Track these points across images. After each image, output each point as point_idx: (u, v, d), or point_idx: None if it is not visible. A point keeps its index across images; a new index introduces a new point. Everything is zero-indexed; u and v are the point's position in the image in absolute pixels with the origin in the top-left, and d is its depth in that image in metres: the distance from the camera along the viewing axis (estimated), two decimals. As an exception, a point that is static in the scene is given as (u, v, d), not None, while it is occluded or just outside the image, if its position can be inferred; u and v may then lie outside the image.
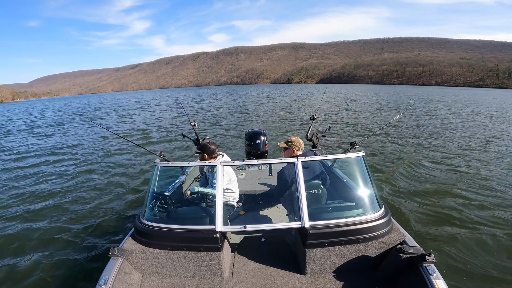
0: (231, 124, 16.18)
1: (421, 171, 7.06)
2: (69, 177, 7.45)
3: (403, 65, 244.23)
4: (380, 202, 2.55)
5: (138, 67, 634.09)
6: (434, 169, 7.21)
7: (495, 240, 3.95)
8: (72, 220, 5.00)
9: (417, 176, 6.70)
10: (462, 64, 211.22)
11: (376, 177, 6.54)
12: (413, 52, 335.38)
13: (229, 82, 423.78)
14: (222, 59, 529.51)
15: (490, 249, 3.79)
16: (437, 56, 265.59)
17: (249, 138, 4.44)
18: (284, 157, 3.14)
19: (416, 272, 2.10)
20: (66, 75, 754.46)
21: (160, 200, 2.76)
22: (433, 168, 7.30)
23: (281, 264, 2.52)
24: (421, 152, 8.93)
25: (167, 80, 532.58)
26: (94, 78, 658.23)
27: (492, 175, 6.63)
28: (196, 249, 2.37)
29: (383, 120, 16.16)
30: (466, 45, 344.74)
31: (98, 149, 10.99)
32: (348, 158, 2.74)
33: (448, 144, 10.16)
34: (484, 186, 5.95)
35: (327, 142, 10.40)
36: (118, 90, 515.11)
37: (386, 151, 9.21)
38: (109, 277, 2.15)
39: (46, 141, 13.41)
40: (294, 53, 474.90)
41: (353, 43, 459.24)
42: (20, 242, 4.35)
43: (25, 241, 4.36)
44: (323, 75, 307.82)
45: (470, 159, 8.08)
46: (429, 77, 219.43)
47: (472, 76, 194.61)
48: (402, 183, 6.24)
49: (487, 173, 6.79)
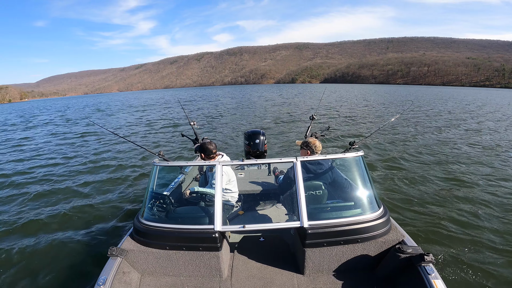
0: (232, 124, 16.15)
1: (421, 171, 7.04)
2: (67, 176, 7.48)
3: (408, 64, 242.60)
4: (379, 202, 2.56)
5: (143, 67, 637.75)
6: (434, 169, 7.18)
7: (495, 241, 3.95)
8: (71, 219, 4.99)
9: (417, 176, 6.68)
10: (467, 63, 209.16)
11: (375, 177, 6.53)
12: (419, 52, 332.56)
13: (233, 82, 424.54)
14: (226, 59, 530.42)
15: (489, 249, 3.79)
16: (442, 56, 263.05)
17: (248, 138, 4.45)
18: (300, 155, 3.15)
19: (415, 272, 2.10)
20: (72, 75, 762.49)
21: (159, 200, 2.80)
22: (433, 168, 7.27)
23: (280, 263, 2.55)
24: (421, 152, 8.90)
25: (172, 80, 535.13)
26: (100, 78, 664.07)
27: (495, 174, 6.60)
28: (195, 249, 2.38)
29: (383, 120, 16.10)
30: (472, 45, 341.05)
31: (97, 148, 11.04)
32: (347, 158, 2.75)
33: (449, 143, 10.09)
34: (486, 186, 5.92)
35: (326, 142, 10.38)
36: (124, 90, 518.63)
37: (385, 150, 9.19)
38: (108, 276, 2.15)
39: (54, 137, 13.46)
40: (298, 53, 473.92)
41: (357, 43, 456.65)
42: (19, 242, 4.35)
43: (24, 241, 4.36)
44: (327, 75, 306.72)
45: (472, 159, 8.03)
46: (434, 77, 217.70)
47: (478, 76, 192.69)
48: (401, 183, 6.23)
49: (490, 171, 6.79)
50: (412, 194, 5.59)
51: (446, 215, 4.70)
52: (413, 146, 9.88)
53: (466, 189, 5.81)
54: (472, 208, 4.92)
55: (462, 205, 5.08)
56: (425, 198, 5.40)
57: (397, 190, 5.82)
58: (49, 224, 4.86)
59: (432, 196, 5.48)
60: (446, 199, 5.34)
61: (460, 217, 4.65)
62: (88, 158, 9.51)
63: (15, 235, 4.57)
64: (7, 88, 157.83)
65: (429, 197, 5.46)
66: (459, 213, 4.79)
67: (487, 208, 4.92)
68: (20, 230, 4.69)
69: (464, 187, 5.89)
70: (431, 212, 4.85)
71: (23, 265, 3.78)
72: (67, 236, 4.45)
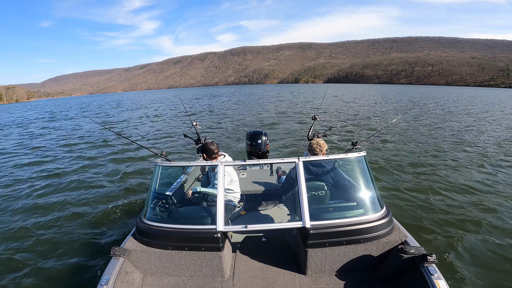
0: (233, 123, 16.20)
1: (424, 170, 7.01)
2: (69, 175, 7.51)
3: (412, 64, 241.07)
4: (381, 202, 2.55)
5: (147, 67, 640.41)
6: (437, 168, 7.15)
7: (500, 242, 3.93)
8: (73, 219, 5.02)
9: (420, 176, 6.65)
10: (472, 63, 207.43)
11: (377, 177, 6.51)
12: (423, 52, 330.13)
13: (237, 82, 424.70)
14: (229, 59, 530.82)
15: (494, 250, 3.77)
16: (447, 55, 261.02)
17: (250, 138, 4.45)
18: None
19: (418, 272, 2.10)
20: (77, 75, 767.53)
21: (162, 200, 2.81)
22: (436, 168, 7.23)
23: (282, 264, 2.54)
24: (423, 152, 8.86)
25: (176, 80, 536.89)
26: (105, 78, 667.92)
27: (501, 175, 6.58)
28: (197, 249, 2.39)
29: (386, 120, 16.04)
30: (477, 45, 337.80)
31: (99, 148, 11.09)
32: (350, 158, 2.75)
33: (452, 143, 10.10)
34: (488, 187, 5.91)
35: (328, 142, 10.21)
36: (128, 90, 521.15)
37: (387, 151, 9.16)
38: (111, 276, 2.16)
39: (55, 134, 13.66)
40: (302, 53, 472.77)
41: (361, 43, 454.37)
42: (20, 241, 4.37)
43: (26, 240, 4.38)
44: (331, 74, 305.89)
45: (474, 158, 8.02)
46: (439, 77, 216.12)
47: (482, 76, 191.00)
48: (404, 183, 6.19)
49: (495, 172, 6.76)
50: (415, 194, 5.55)
51: (450, 216, 4.67)
52: (417, 146, 9.81)
53: (472, 190, 5.77)
54: (477, 210, 4.89)
55: (467, 206, 5.03)
56: (429, 198, 5.37)
57: (400, 191, 5.78)
58: (51, 224, 4.87)
59: (437, 197, 5.44)
60: (451, 200, 5.31)
61: (465, 218, 4.61)
62: (89, 157, 9.56)
63: (16, 235, 4.58)
64: (15, 88, 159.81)
65: (433, 197, 5.43)
66: (464, 214, 4.75)
67: (494, 211, 4.87)
68: (20, 230, 4.70)
69: (470, 189, 5.83)
70: (435, 212, 4.82)
71: (26, 264, 3.80)
72: (70, 236, 4.47)
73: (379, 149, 9.44)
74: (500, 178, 6.54)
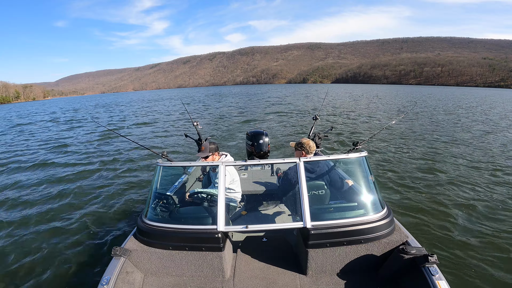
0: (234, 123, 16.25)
1: (425, 171, 6.97)
2: (70, 176, 7.55)
3: (421, 65, 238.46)
4: (382, 203, 2.52)
5: (157, 66, 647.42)
6: (439, 169, 7.10)
7: (501, 243, 3.92)
8: (74, 219, 5.02)
9: (421, 176, 6.62)
10: (482, 64, 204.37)
11: (378, 177, 6.50)
12: (434, 52, 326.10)
13: (245, 81, 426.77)
14: (238, 59, 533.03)
15: (495, 250, 3.76)
16: (458, 56, 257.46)
17: (251, 138, 4.42)
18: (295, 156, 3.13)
19: (419, 273, 2.08)
20: (90, 74, 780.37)
21: (163, 200, 2.80)
22: (438, 168, 7.19)
23: (282, 264, 2.52)
24: (425, 152, 8.82)
25: (185, 80, 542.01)
26: (116, 78, 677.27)
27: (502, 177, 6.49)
28: (198, 249, 2.37)
29: (387, 121, 15.88)
30: (490, 45, 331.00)
31: (100, 148, 11.15)
32: (351, 159, 2.70)
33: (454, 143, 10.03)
34: (491, 187, 5.88)
35: (329, 142, 10.37)
36: (138, 89, 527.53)
37: (389, 151, 9.08)
38: (111, 276, 2.16)
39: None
40: (310, 53, 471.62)
41: (370, 43, 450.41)
42: (22, 241, 4.38)
43: (27, 240, 4.39)
44: (339, 75, 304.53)
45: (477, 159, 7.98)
46: (448, 77, 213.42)
47: (493, 76, 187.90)
48: (405, 183, 6.17)
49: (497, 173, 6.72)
50: (417, 195, 5.56)
51: (452, 217, 4.65)
52: (418, 147, 9.74)
53: (474, 191, 5.76)
54: (479, 211, 4.87)
55: (469, 207, 5.02)
56: (431, 199, 5.36)
57: (402, 191, 5.76)
58: (52, 224, 4.92)
59: (438, 197, 5.43)
60: (453, 201, 5.29)
61: (467, 219, 4.60)
62: (89, 157, 9.69)
63: (17, 235, 4.60)
64: (31, 87, 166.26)
65: (435, 198, 5.42)
66: (467, 215, 4.74)
67: (497, 212, 4.84)
68: (21, 230, 4.73)
69: (472, 190, 5.81)
70: (436, 213, 4.81)
71: (27, 265, 3.80)
72: (71, 236, 4.49)
73: (380, 150, 9.36)
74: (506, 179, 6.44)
